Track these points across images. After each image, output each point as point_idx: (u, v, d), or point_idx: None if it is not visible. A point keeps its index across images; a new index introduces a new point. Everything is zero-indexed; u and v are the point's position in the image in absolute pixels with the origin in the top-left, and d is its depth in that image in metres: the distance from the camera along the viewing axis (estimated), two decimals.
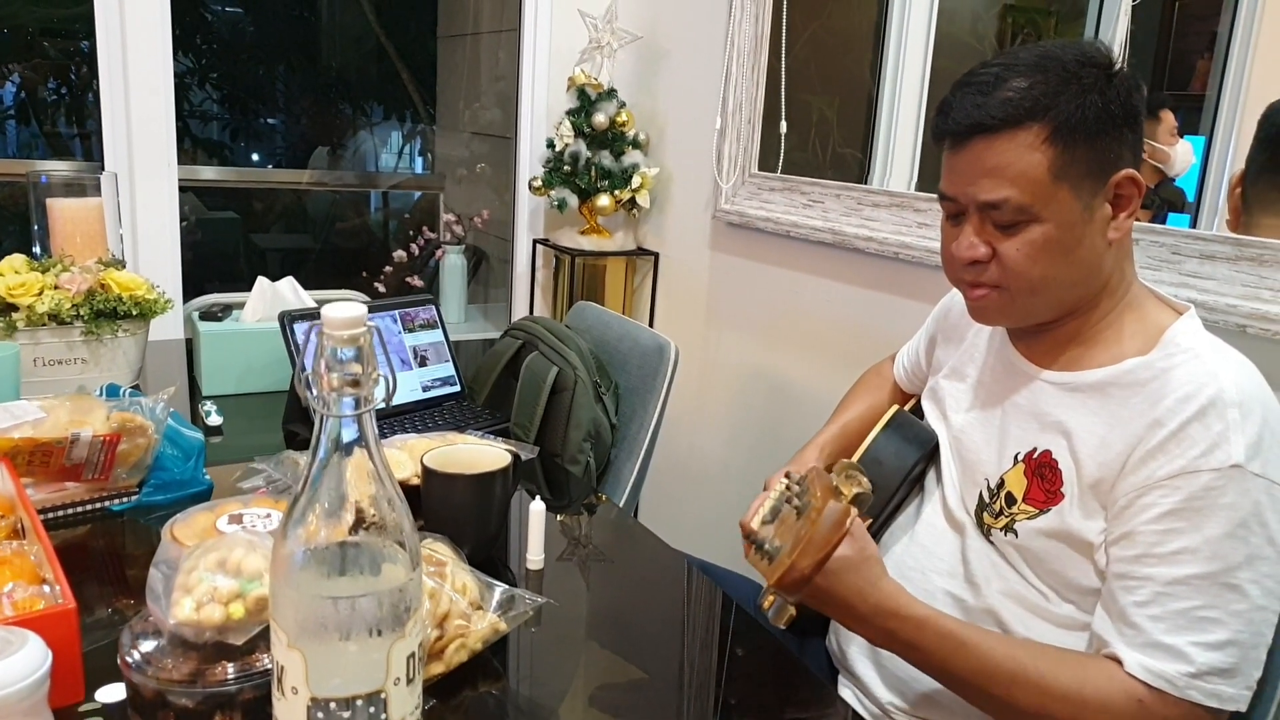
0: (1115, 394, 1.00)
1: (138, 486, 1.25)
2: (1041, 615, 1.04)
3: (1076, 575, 1.01)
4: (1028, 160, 0.96)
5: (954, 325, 1.29)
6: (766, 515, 0.89)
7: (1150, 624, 0.91)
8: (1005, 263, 1.01)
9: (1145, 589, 0.92)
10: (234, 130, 4.81)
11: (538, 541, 1.15)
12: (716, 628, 1.11)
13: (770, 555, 0.77)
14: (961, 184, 1.02)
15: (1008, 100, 0.97)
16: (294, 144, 4.92)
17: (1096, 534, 0.98)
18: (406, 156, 4.78)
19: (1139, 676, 0.91)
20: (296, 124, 4.93)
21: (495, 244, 3.05)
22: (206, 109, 4.67)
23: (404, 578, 0.69)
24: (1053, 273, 1.00)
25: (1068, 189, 0.97)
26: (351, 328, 0.66)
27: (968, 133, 1.00)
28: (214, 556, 0.83)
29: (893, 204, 1.77)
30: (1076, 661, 0.96)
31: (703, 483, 2.33)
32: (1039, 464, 1.05)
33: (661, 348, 1.62)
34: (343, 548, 0.68)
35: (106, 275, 1.58)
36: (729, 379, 2.21)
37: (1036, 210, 0.97)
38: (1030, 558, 1.04)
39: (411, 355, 1.65)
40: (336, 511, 0.68)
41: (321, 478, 0.68)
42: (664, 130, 2.39)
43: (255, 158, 4.97)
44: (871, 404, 1.48)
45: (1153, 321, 1.03)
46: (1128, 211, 1.00)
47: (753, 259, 2.12)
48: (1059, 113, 0.96)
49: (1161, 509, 0.92)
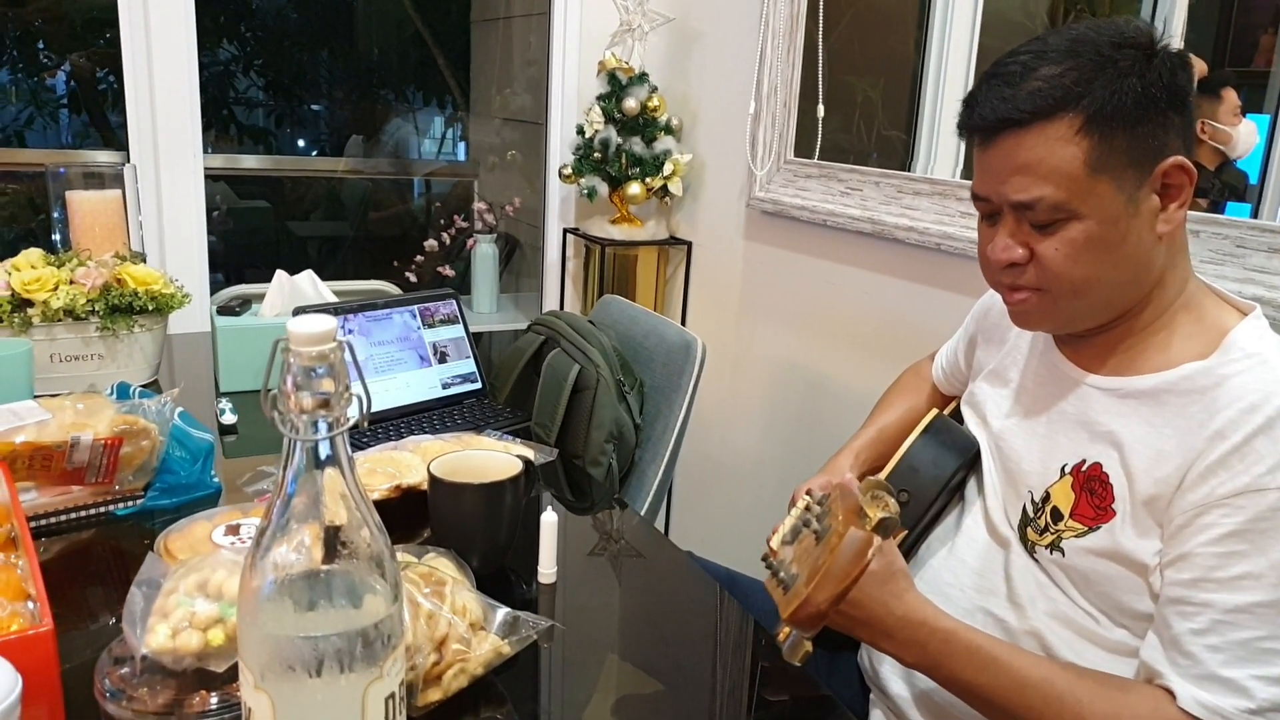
0: (1171, 402, 0.92)
1: (143, 490, 1.21)
2: (1091, 640, 0.96)
3: (1129, 599, 0.93)
4: (1061, 154, 0.89)
5: (994, 325, 1.21)
6: (787, 535, 0.82)
7: (1208, 654, 0.84)
8: (1044, 264, 0.93)
9: (1203, 616, 0.85)
10: (279, 117, 4.82)
11: (550, 554, 1.09)
12: (734, 648, 1.05)
13: (785, 584, 0.70)
14: (993, 183, 0.95)
15: (1036, 91, 0.90)
16: (337, 130, 4.92)
17: (1151, 555, 0.90)
18: (448, 143, 4.75)
19: (1191, 711, 0.83)
20: (339, 110, 4.92)
21: (527, 232, 2.99)
22: (252, 96, 4.68)
23: (382, 611, 0.64)
24: (1096, 272, 0.92)
25: (1108, 181, 0.89)
26: (320, 343, 0.61)
27: (995, 128, 0.92)
28: (194, 579, 0.78)
29: (934, 192, 1.68)
30: (1117, 687, 0.89)
31: (736, 480, 2.26)
32: (1088, 477, 0.97)
33: (688, 344, 1.56)
34: (314, 580, 0.63)
35: (122, 270, 1.55)
36: (763, 372, 2.14)
37: (1074, 207, 0.90)
38: (1078, 578, 0.97)
39: (431, 351, 1.60)
40: (307, 541, 0.63)
41: (290, 505, 0.62)
42: (697, 115, 2.31)
43: (300, 144, 4.98)
44: (910, 406, 1.40)
45: (1212, 322, 0.95)
46: (1178, 202, 0.92)
47: (788, 249, 2.04)
48: (1093, 100, 0.88)
49: (1223, 530, 0.85)
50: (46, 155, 3.68)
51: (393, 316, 1.57)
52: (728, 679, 0.98)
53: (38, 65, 4.17)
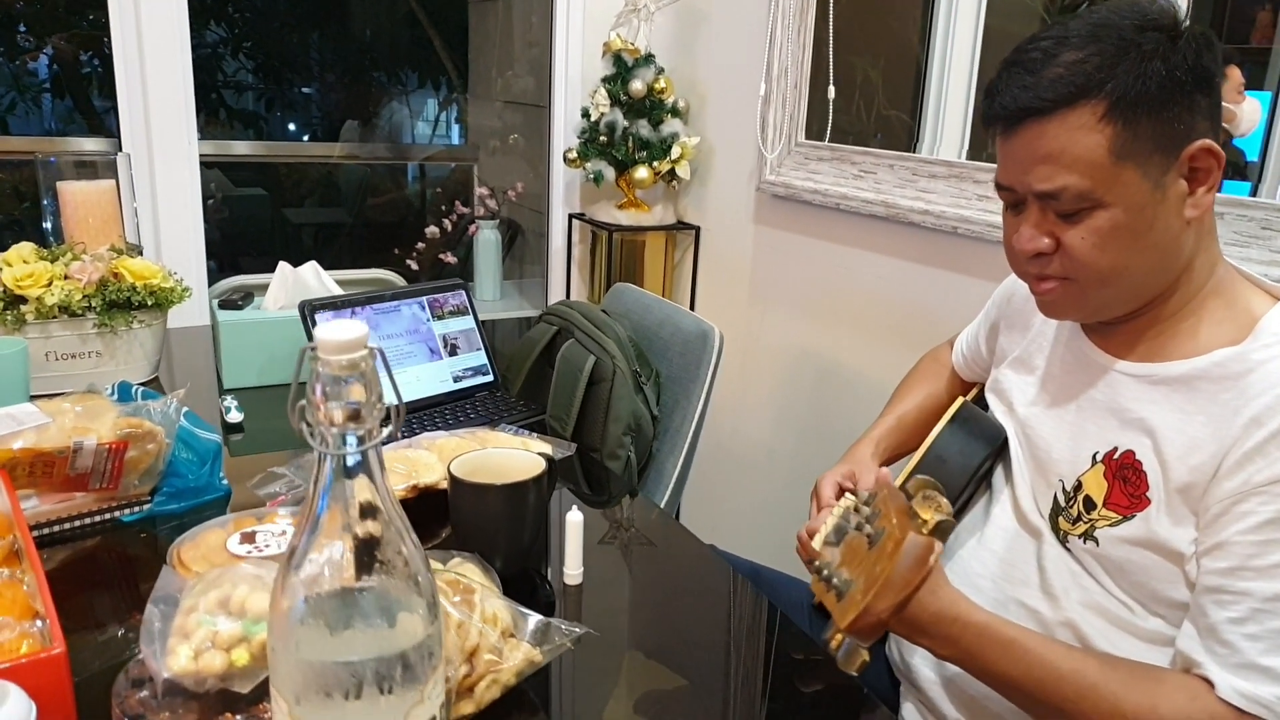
0: (1204, 388, 0.90)
1: (150, 494, 1.17)
2: (1127, 629, 0.94)
3: (1164, 588, 0.91)
4: (1085, 142, 0.87)
5: (1017, 311, 1.18)
6: (830, 536, 0.78)
7: (1247, 643, 0.82)
8: (1071, 253, 0.91)
9: (1242, 605, 0.83)
10: (269, 100, 4.74)
11: (576, 555, 1.05)
12: (764, 643, 1.02)
13: (839, 591, 0.66)
14: (1016, 173, 0.92)
15: (1058, 78, 0.87)
16: (329, 113, 4.85)
17: (1187, 544, 0.88)
18: (442, 126, 4.69)
19: (1230, 701, 0.82)
20: (331, 93, 4.85)
21: (530, 217, 2.94)
22: (241, 79, 4.60)
23: (422, 631, 0.60)
24: (1124, 261, 0.90)
25: (1133, 168, 0.87)
26: (350, 351, 0.56)
27: (1017, 117, 0.90)
28: (215, 595, 0.75)
29: (950, 174, 1.64)
30: (1153, 677, 0.87)
31: (747, 469, 2.23)
32: (1120, 465, 0.95)
33: (705, 334, 1.52)
34: (349, 600, 0.59)
35: (119, 263, 1.50)
36: (774, 359, 2.10)
37: (1099, 195, 0.87)
38: (1112, 568, 0.95)
39: (441, 344, 1.55)
40: (340, 560, 0.59)
41: (321, 522, 0.59)
42: (704, 98, 2.26)
43: (291, 127, 4.90)
44: (929, 394, 1.38)
45: (1244, 307, 0.93)
46: (1207, 185, 0.89)
47: (799, 233, 2.00)
48: (1116, 85, 0.85)
49: (1261, 518, 0.83)
50: (32, 142, 3.61)
51: (401, 309, 1.52)
52: (761, 675, 0.95)
53: (18, 48, 4.09)
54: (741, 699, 0.91)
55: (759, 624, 1.05)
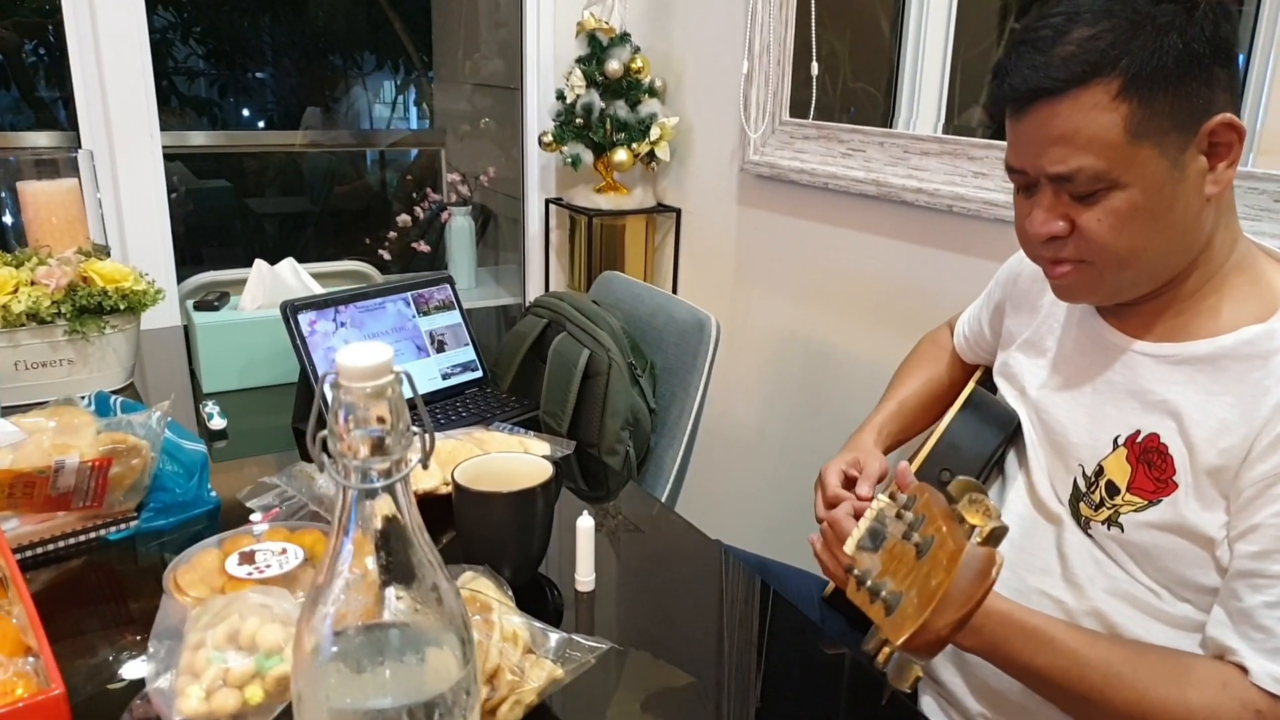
0: (1230, 368, 0.88)
1: (136, 511, 1.12)
2: (1155, 616, 0.93)
3: (1193, 573, 0.89)
4: (1099, 122, 0.84)
5: (1024, 292, 1.16)
6: (865, 540, 0.75)
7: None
8: (1087, 236, 0.88)
9: (1277, 588, 0.82)
10: (222, 87, 4.60)
11: (587, 561, 1.02)
12: (781, 640, 1.00)
13: (888, 604, 0.64)
14: (1028, 156, 0.89)
15: (1070, 56, 0.84)
16: (285, 99, 4.71)
17: (1217, 528, 0.87)
18: (402, 109, 4.58)
19: (1266, 688, 0.80)
20: (286, 78, 4.72)
21: (504, 202, 2.88)
22: (192, 65, 4.46)
23: (456, 673, 0.57)
24: (1143, 242, 0.87)
25: (1150, 147, 0.84)
26: (375, 378, 0.52)
27: (1028, 98, 0.87)
28: (223, 630, 0.70)
29: (944, 152, 1.61)
30: (1182, 665, 0.86)
31: (736, 453, 2.20)
32: (1144, 449, 0.93)
33: (701, 323, 1.48)
34: (380, 643, 0.55)
35: (88, 267, 1.44)
36: (761, 342, 2.07)
37: (1116, 176, 0.85)
38: (1138, 554, 0.93)
39: (428, 340, 1.51)
40: (369, 601, 0.55)
41: (347, 560, 0.55)
42: (681, 76, 2.22)
43: (245, 113, 4.77)
44: (929, 378, 1.36)
45: (1268, 283, 0.91)
46: (1227, 161, 0.86)
47: (786, 214, 1.96)
48: (1131, 62, 0.82)
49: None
50: None
51: (386, 305, 1.47)
52: (779, 672, 0.93)
53: None
54: (766, 698, 0.88)
55: (778, 622, 1.03)
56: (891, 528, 0.73)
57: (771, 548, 1.43)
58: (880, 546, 0.72)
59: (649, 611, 1.03)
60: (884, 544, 0.72)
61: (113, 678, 0.84)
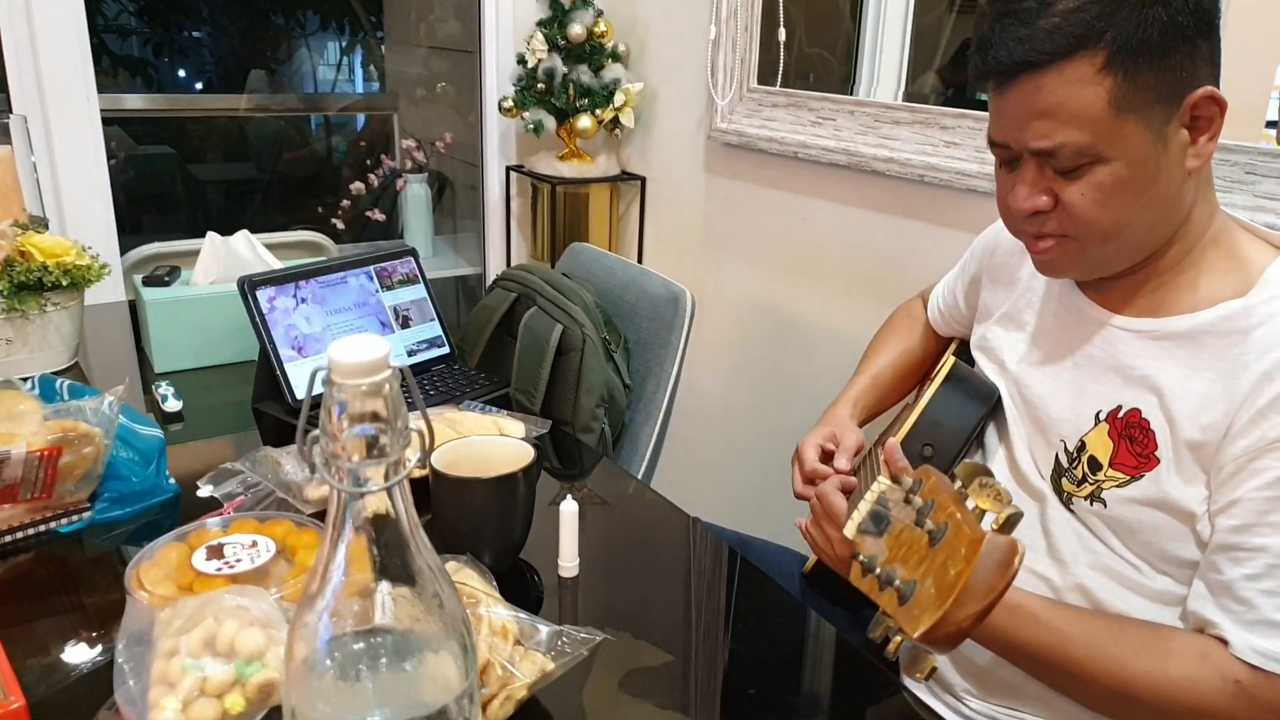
0: (1210, 343, 0.88)
1: (89, 501, 1.06)
2: (1135, 590, 0.93)
3: (1174, 547, 0.89)
4: (1084, 96, 0.82)
5: (1001, 265, 1.15)
6: (866, 524, 0.73)
7: (1263, 599, 0.81)
8: (1071, 210, 0.87)
9: (1257, 561, 0.82)
10: (157, 46, 4.41)
11: (571, 546, 0.99)
12: (771, 620, 0.98)
13: (901, 593, 0.61)
14: (1012, 130, 0.88)
15: (1054, 29, 0.83)
16: (223, 59, 4.53)
17: (1198, 502, 0.87)
18: (345, 70, 4.43)
19: (1246, 659, 0.81)
20: (225, 37, 4.54)
21: (461, 169, 2.80)
22: (124, 23, 4.27)
23: (458, 684, 0.53)
24: (1127, 216, 0.86)
25: (1135, 120, 0.83)
26: (371, 374, 0.48)
27: (1012, 71, 0.85)
28: (198, 635, 0.66)
29: (915, 121, 1.59)
30: (1161, 637, 0.86)
31: (701, 424, 2.18)
32: (1126, 424, 0.92)
33: (675, 296, 1.45)
34: (379, 656, 0.52)
35: (26, 240, 1.36)
36: (728, 312, 2.05)
37: (1100, 150, 0.84)
38: (1120, 528, 0.93)
39: (393, 316, 1.45)
40: (366, 611, 0.51)
41: (342, 568, 0.51)
42: (645, 41, 2.16)
43: (182, 74, 4.58)
44: (903, 350, 1.34)
45: (1245, 258, 0.90)
46: (1209, 134, 0.86)
47: (754, 183, 1.93)
48: (1116, 34, 0.81)
49: (1276, 474, 0.81)
50: None
51: (348, 280, 1.41)
52: (767, 653, 0.92)
53: None
54: (756, 680, 0.87)
55: (757, 600, 1.02)
56: (896, 512, 0.70)
57: (738, 519, 1.42)
58: (885, 531, 0.70)
59: (633, 596, 1.00)
60: (889, 528, 0.70)
61: (72, 684, 0.79)
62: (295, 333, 1.32)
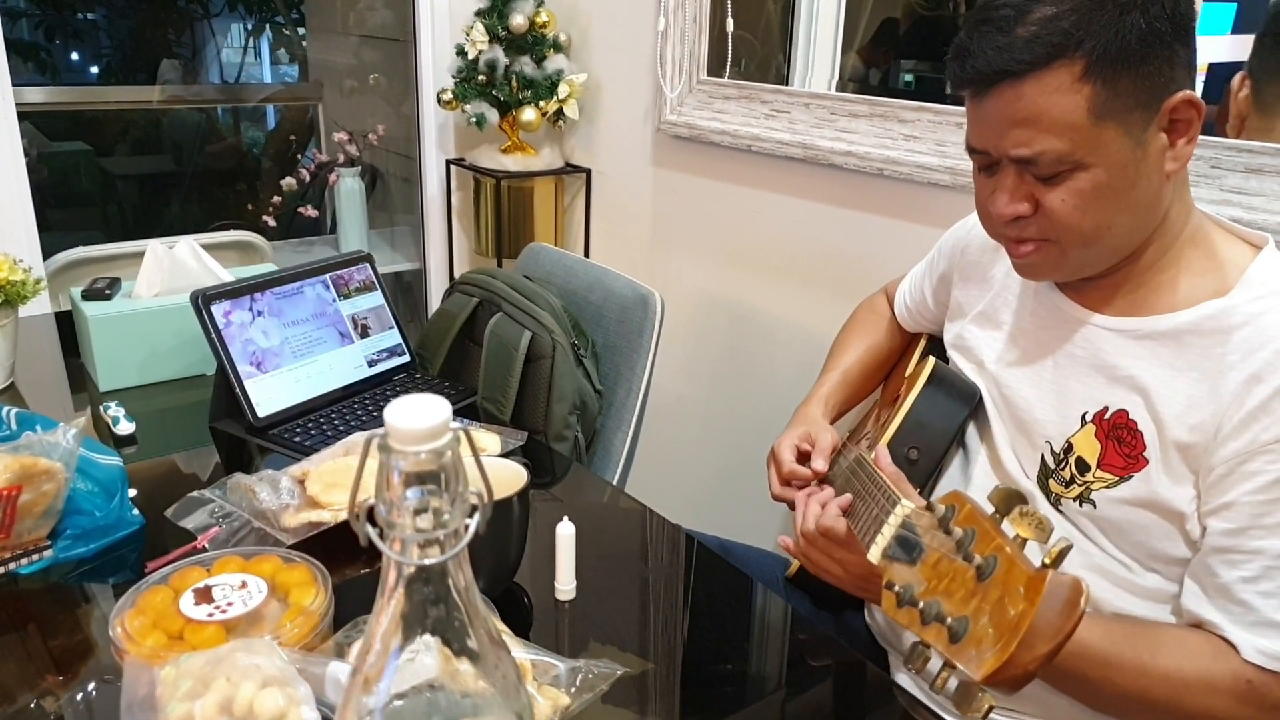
0: (1193, 343, 0.89)
1: (49, 538, 1.00)
2: (1126, 588, 0.95)
3: (1163, 545, 0.91)
4: (1063, 104, 0.83)
5: (974, 263, 1.16)
6: (893, 550, 0.72)
7: (1261, 600, 0.83)
8: (1052, 216, 0.88)
9: (1254, 563, 0.83)
10: (49, 29, 4.18)
11: (568, 569, 0.97)
12: (751, 623, 0.99)
13: (953, 631, 0.61)
14: (991, 137, 0.88)
15: (1033, 37, 0.83)
16: (122, 43, 4.31)
17: (1187, 502, 0.88)
18: (254, 56, 4.26)
19: (1254, 661, 0.83)
20: (122, 19, 4.31)
21: (394, 161, 2.73)
22: (12, 6, 4.02)
23: None
24: (1107, 220, 0.88)
25: (1114, 127, 0.84)
26: (432, 440, 0.46)
27: (991, 80, 0.86)
28: (214, 701, 0.62)
29: (874, 114, 1.59)
30: (1175, 639, 0.87)
31: (656, 418, 2.17)
32: (1114, 425, 0.94)
33: (644, 298, 1.43)
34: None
35: None
36: (682, 305, 2.03)
37: (1080, 157, 0.85)
38: (1110, 528, 0.94)
39: (351, 325, 1.40)
40: (424, 684, 0.49)
41: (397, 643, 0.48)
42: (587, 30, 2.12)
43: (76, 57, 4.34)
44: (869, 346, 1.35)
45: (1225, 257, 0.92)
46: (1187, 137, 0.87)
47: (706, 176, 1.92)
48: (1094, 43, 0.82)
49: (1269, 477, 0.83)
50: None
51: (304, 290, 1.36)
52: (755, 656, 0.93)
53: None
54: (750, 683, 0.87)
55: (742, 603, 1.02)
56: (929, 540, 0.70)
57: (699, 517, 1.41)
58: (919, 559, 0.69)
59: (631, 615, 0.98)
60: (922, 556, 0.69)
61: None
62: (254, 348, 1.27)
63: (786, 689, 0.89)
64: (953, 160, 1.47)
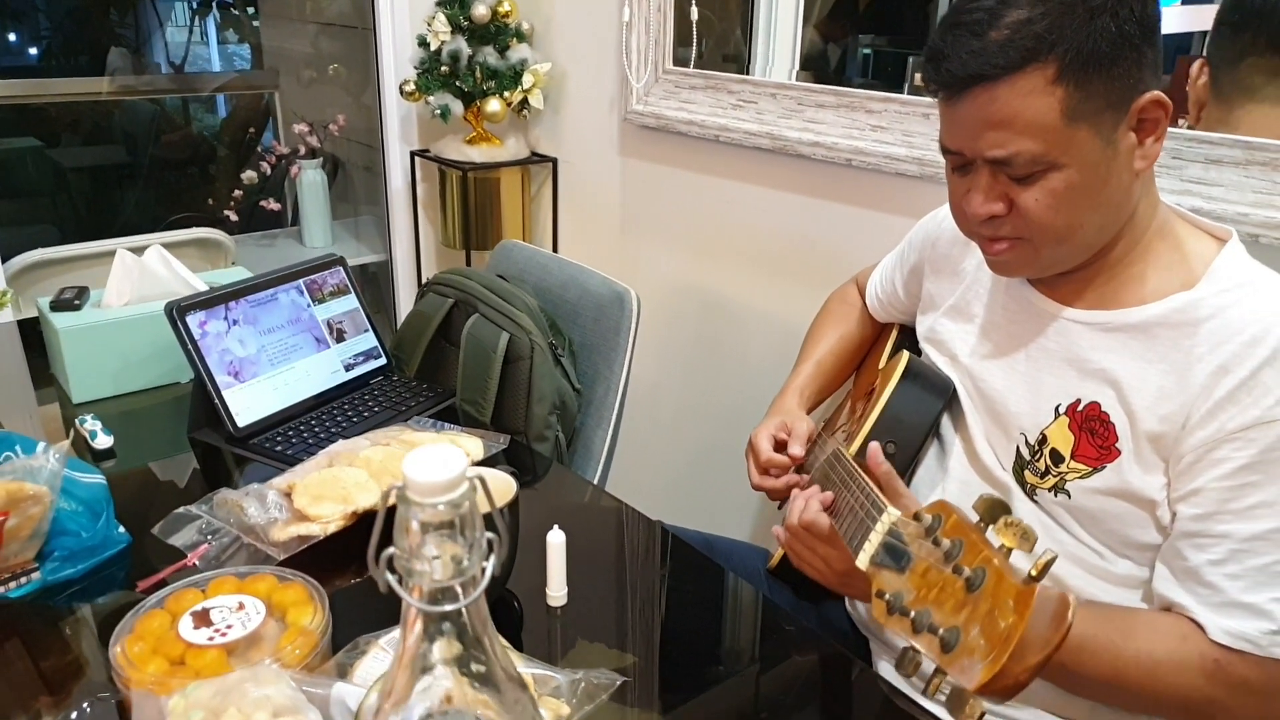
0: (1162, 335, 0.92)
1: (36, 560, 1.00)
2: (1098, 575, 0.98)
3: (1135, 532, 0.94)
4: (1037, 106, 0.85)
5: (945, 256, 1.18)
6: (881, 557, 0.75)
7: (1228, 582, 0.86)
8: (1026, 215, 0.91)
9: (1221, 546, 0.87)
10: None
11: (559, 575, 0.99)
12: (743, 617, 1.02)
13: (945, 641, 0.63)
14: (965, 139, 0.90)
15: (1006, 41, 0.85)
16: (59, 22, 4.17)
17: (1158, 490, 0.91)
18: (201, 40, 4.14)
19: (1219, 640, 0.86)
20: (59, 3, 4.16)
21: (355, 150, 2.69)
22: None
23: None
24: (1079, 219, 0.90)
25: (1086, 128, 0.86)
26: (450, 491, 0.47)
27: (965, 84, 0.88)
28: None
29: (841, 105, 1.61)
30: (1146, 622, 0.91)
31: (632, 408, 2.18)
32: (1086, 417, 0.97)
33: (620, 296, 1.44)
34: None
35: None
36: (651, 295, 2.03)
37: (1053, 158, 0.87)
38: (1084, 517, 0.97)
39: (327, 330, 1.40)
40: None
41: (419, 688, 0.50)
42: (550, 19, 2.11)
43: (13, 38, 4.19)
44: (841, 336, 1.37)
45: (1191, 250, 0.95)
46: (1155, 136, 0.90)
47: (674, 165, 1.92)
48: (1067, 47, 0.84)
49: (1235, 464, 0.86)
50: None
51: (278, 297, 1.35)
52: (740, 650, 0.95)
53: None
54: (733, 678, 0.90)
55: (727, 597, 1.05)
56: (916, 549, 0.72)
57: (678, 509, 1.43)
58: (907, 568, 0.72)
59: (621, 618, 1.00)
60: (910, 564, 0.71)
61: None
62: (230, 357, 1.26)
63: (770, 680, 0.91)
64: (920, 151, 1.49)
